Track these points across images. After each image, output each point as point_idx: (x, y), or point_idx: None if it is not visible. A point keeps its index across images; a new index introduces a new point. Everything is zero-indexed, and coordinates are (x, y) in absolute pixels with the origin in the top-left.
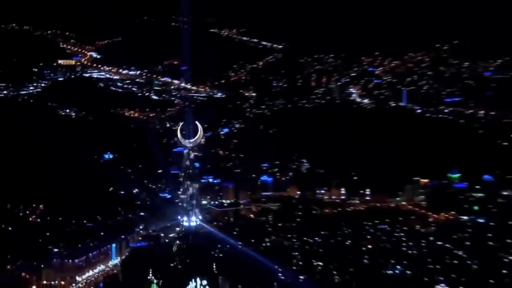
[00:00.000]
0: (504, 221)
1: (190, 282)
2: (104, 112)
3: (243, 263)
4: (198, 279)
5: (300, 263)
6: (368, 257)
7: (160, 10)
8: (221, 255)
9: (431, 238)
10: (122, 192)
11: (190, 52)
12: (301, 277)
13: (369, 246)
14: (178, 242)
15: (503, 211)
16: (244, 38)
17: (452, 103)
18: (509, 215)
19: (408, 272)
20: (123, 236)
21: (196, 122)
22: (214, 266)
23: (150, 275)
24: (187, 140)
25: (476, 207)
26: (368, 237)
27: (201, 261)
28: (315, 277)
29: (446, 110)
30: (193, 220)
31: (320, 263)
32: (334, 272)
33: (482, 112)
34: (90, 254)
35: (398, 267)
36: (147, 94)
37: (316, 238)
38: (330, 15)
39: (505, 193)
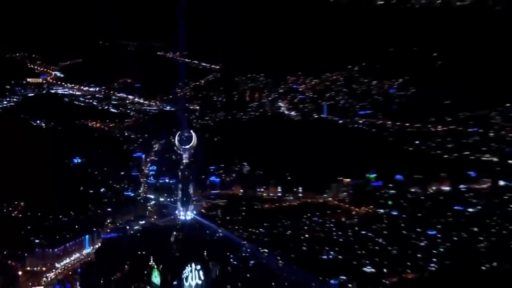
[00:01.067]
0: (413, 213)
1: (187, 267)
2: (70, 122)
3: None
4: (193, 264)
5: (249, 250)
6: (306, 245)
7: (115, 36)
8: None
9: (356, 228)
10: (91, 191)
11: (141, 72)
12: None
13: (306, 235)
14: (175, 233)
15: (412, 205)
16: (187, 60)
17: (364, 115)
18: (416, 208)
19: (340, 256)
20: (94, 229)
21: (191, 131)
22: (205, 253)
23: (152, 261)
24: (183, 146)
25: (390, 202)
26: (304, 227)
27: (195, 249)
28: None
29: (360, 121)
30: (188, 215)
31: (266, 250)
32: (278, 258)
33: (390, 122)
34: (67, 244)
35: (332, 252)
36: (106, 107)
37: (260, 229)
38: (259, 40)
39: (412, 189)
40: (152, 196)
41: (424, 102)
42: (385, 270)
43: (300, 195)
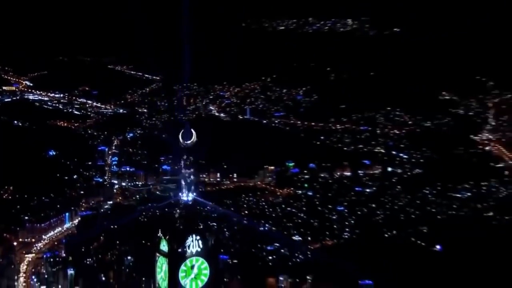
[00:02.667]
0: (324, 193)
1: (189, 237)
2: (42, 123)
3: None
4: (193, 235)
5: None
6: (245, 220)
7: (74, 51)
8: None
9: (282, 206)
10: (66, 178)
11: (97, 81)
12: None
13: (246, 212)
14: (179, 210)
15: (323, 187)
16: (133, 72)
17: (279, 116)
18: (326, 189)
19: (273, 228)
20: (72, 208)
21: (192, 130)
22: (201, 226)
23: (160, 233)
24: (185, 141)
25: (306, 185)
26: (243, 205)
27: (194, 223)
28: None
29: (276, 121)
30: (190, 196)
31: (214, 224)
32: (225, 230)
33: (299, 122)
34: (51, 220)
35: (266, 225)
36: (70, 110)
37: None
38: (192, 55)
39: (322, 175)
40: (115, 181)
41: (325, 106)
42: (309, 238)
43: (235, 179)
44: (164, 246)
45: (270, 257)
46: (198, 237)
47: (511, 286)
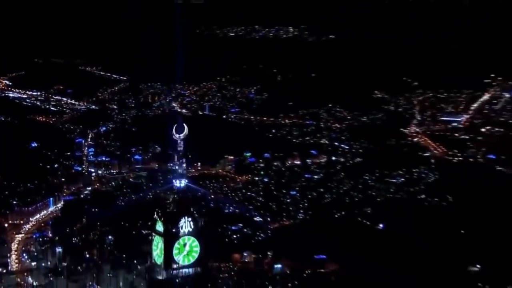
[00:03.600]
0: (278, 180)
1: (182, 219)
2: (23, 118)
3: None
4: (185, 217)
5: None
6: (212, 203)
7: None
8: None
9: (243, 191)
10: (48, 167)
11: (71, 80)
12: None
13: (212, 196)
14: (172, 195)
15: (276, 174)
16: (102, 73)
17: (235, 112)
18: (280, 176)
19: (237, 210)
20: (56, 193)
21: (184, 124)
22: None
23: (155, 215)
24: (178, 135)
25: (262, 172)
26: (209, 190)
27: (186, 206)
28: None
29: (233, 116)
30: (182, 183)
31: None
32: (195, 212)
33: (252, 117)
34: (37, 204)
35: (231, 207)
36: (47, 106)
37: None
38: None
39: (275, 163)
40: (93, 170)
41: (274, 103)
42: (268, 219)
43: (199, 168)
44: (159, 227)
45: (234, 236)
46: (189, 219)
47: (441, 257)
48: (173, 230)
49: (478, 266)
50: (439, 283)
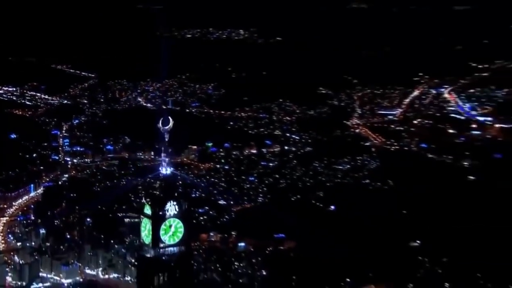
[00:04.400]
0: (238, 167)
1: (168, 203)
2: (1, 111)
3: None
4: (171, 201)
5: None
6: (181, 187)
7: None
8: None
9: (207, 177)
10: (27, 156)
11: (45, 77)
12: None
13: (179, 182)
14: (159, 182)
15: (236, 162)
16: (72, 70)
17: (195, 106)
18: (239, 164)
19: (203, 194)
20: (35, 180)
21: (169, 117)
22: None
23: (143, 199)
24: (164, 127)
25: (222, 160)
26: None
27: (172, 191)
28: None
29: (194, 110)
30: (168, 170)
31: (156, 192)
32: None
33: (211, 111)
34: (19, 190)
35: (197, 192)
36: (23, 101)
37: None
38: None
39: (234, 152)
40: (68, 159)
41: (231, 98)
42: (231, 202)
43: (165, 156)
44: (147, 210)
45: (201, 218)
46: (175, 203)
47: (385, 234)
48: (160, 213)
49: (418, 241)
50: (385, 257)
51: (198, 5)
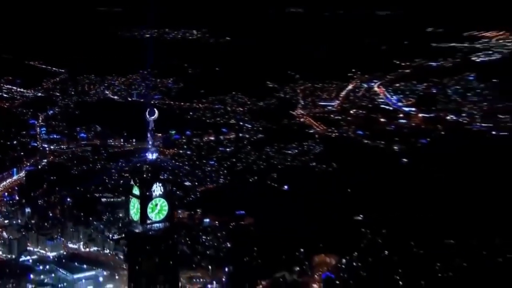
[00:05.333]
0: (199, 152)
1: (154, 184)
2: None
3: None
4: (157, 182)
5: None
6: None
7: None
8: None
9: (172, 161)
10: (8, 143)
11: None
12: None
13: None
14: (146, 166)
15: (197, 148)
16: (44, 66)
17: (157, 98)
18: (200, 149)
19: (170, 177)
20: (17, 165)
21: (154, 108)
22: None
23: (132, 181)
24: (150, 117)
25: (185, 146)
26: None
27: (157, 173)
28: None
29: (157, 102)
30: (153, 156)
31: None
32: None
33: (172, 102)
34: (3, 174)
35: (165, 175)
36: (0, 94)
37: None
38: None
39: (195, 139)
40: (46, 146)
41: (189, 91)
42: (196, 183)
43: (133, 143)
44: (136, 191)
45: None
46: (160, 184)
47: (332, 210)
48: (147, 193)
49: (361, 215)
50: (333, 229)
51: (154, 8)
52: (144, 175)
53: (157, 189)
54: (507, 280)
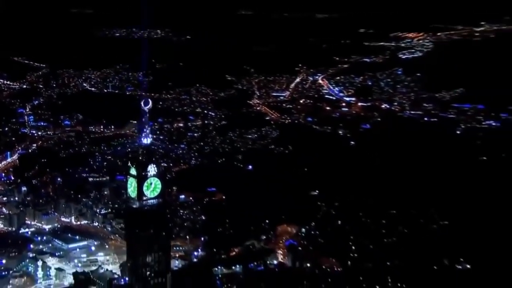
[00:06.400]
0: (170, 137)
1: (149, 165)
2: None
3: None
4: (151, 164)
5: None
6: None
7: None
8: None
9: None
10: (0, 130)
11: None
12: None
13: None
14: (141, 149)
15: (168, 133)
16: (27, 61)
17: (130, 90)
18: (171, 134)
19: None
20: (10, 149)
21: (149, 99)
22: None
23: (129, 163)
24: (145, 106)
25: (158, 132)
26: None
27: (151, 156)
28: None
29: (129, 93)
30: (148, 140)
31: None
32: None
33: (143, 93)
34: None
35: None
36: None
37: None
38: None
39: (166, 126)
40: (34, 132)
41: (158, 83)
42: (171, 164)
43: (113, 129)
44: (133, 171)
45: None
46: (154, 165)
47: (291, 186)
48: (143, 173)
49: (316, 191)
50: (292, 202)
51: (121, 9)
52: (140, 158)
53: (152, 169)
54: (440, 242)
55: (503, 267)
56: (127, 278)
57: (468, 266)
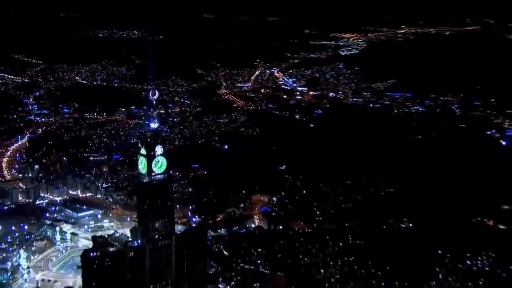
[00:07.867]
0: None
1: (156, 146)
2: None
3: None
4: (158, 145)
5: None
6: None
7: None
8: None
9: (136, 128)
10: (10, 117)
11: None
12: None
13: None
14: (149, 133)
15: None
16: (25, 58)
17: (116, 82)
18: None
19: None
20: (20, 133)
21: (156, 91)
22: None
23: (140, 144)
24: (152, 97)
25: (143, 117)
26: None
27: (158, 138)
28: None
29: (115, 85)
30: (155, 126)
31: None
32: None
33: (127, 85)
34: (11, 140)
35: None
36: None
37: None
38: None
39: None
40: (38, 119)
41: (138, 77)
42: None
43: (104, 116)
44: (143, 151)
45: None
46: (160, 146)
47: (260, 162)
48: (152, 152)
49: (284, 165)
50: (263, 176)
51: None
52: (149, 140)
53: (159, 149)
54: (387, 206)
55: (438, 225)
56: (139, 241)
57: (410, 224)
